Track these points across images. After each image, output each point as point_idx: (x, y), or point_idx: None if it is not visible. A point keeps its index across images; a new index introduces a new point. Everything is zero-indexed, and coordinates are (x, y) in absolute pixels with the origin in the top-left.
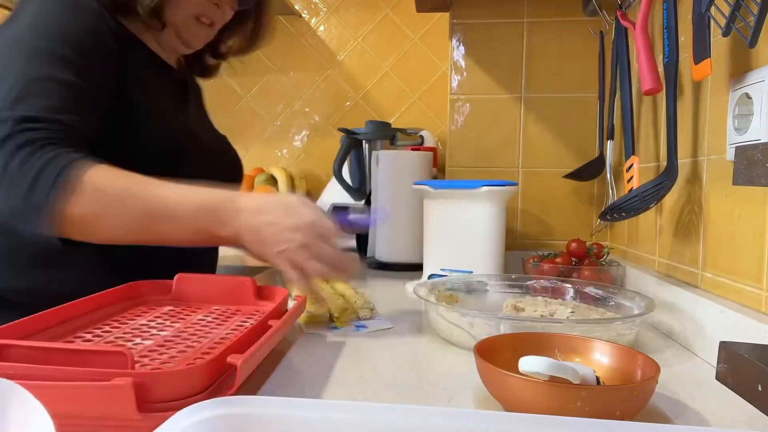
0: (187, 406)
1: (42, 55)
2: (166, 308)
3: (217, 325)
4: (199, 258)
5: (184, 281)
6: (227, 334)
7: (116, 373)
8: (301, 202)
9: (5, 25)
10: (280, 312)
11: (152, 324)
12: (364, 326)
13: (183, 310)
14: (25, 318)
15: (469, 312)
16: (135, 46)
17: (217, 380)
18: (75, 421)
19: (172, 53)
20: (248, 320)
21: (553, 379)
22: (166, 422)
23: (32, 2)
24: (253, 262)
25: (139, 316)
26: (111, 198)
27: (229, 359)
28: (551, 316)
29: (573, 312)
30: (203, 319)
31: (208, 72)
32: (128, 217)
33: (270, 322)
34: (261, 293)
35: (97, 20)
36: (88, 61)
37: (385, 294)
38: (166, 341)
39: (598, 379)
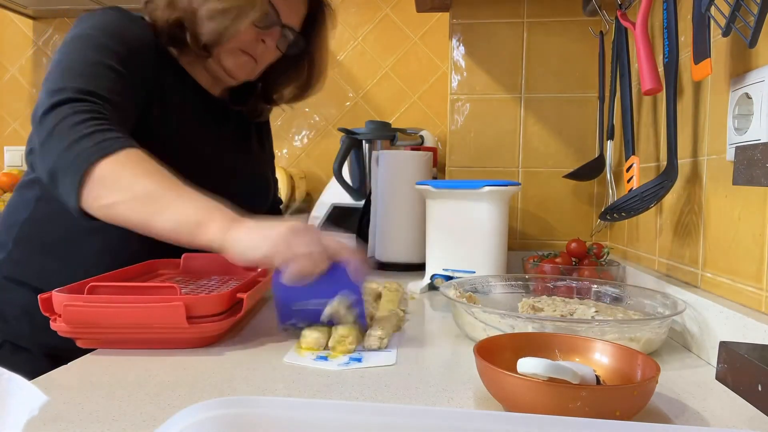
0: (213, 324)
1: (98, 47)
2: (177, 278)
3: (220, 285)
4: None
5: (189, 259)
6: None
7: (171, 298)
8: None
9: (74, 27)
10: (265, 275)
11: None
12: (358, 360)
13: (190, 278)
14: (88, 279)
15: (510, 314)
16: (176, 70)
17: (231, 307)
18: (145, 329)
19: (217, 86)
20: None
21: (552, 380)
22: (166, 422)
23: (96, 12)
24: None
25: (162, 281)
26: (133, 165)
27: (238, 295)
28: (571, 315)
29: (597, 311)
30: (208, 282)
31: (258, 114)
32: (138, 186)
33: (258, 279)
34: (248, 266)
35: (145, 32)
36: (131, 60)
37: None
38: (189, 292)
39: (598, 378)
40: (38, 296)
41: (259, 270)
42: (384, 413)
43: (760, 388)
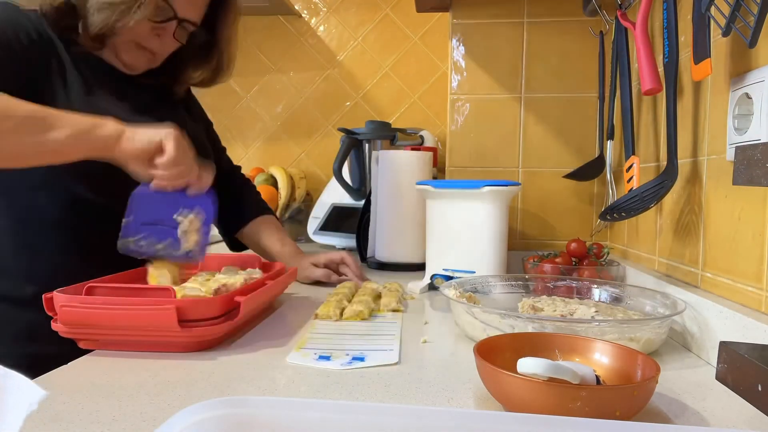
0: (208, 328)
1: None
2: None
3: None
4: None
5: (207, 259)
6: None
7: (164, 301)
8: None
9: None
10: (275, 276)
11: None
12: (361, 359)
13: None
14: (107, 276)
15: (510, 314)
16: (79, 53)
17: (229, 311)
18: (139, 331)
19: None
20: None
21: (552, 380)
22: (166, 422)
23: None
24: None
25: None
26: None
27: (236, 298)
28: (571, 315)
29: (597, 311)
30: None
31: (170, 92)
32: (15, 116)
33: (266, 282)
34: (264, 267)
35: (29, 20)
36: (7, 45)
37: None
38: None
39: (598, 378)
40: (42, 296)
41: (274, 270)
42: (384, 413)
43: (760, 388)
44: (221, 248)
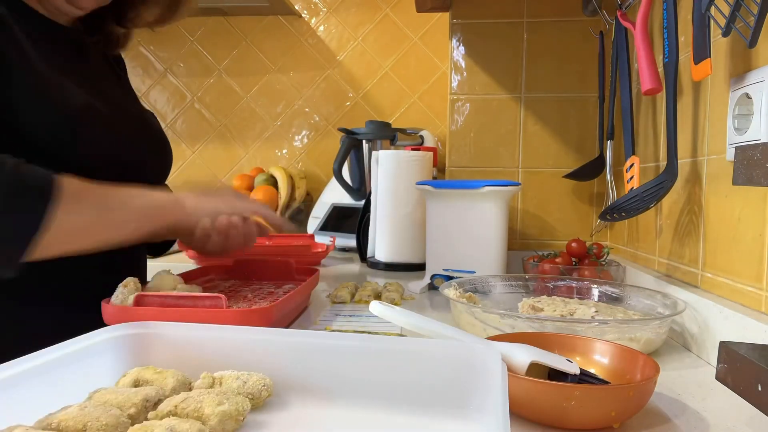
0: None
1: None
2: (230, 282)
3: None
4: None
5: (240, 263)
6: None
7: (216, 308)
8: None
9: None
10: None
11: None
12: None
13: (242, 284)
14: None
15: (510, 314)
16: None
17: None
18: None
19: (61, 16)
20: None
21: (551, 377)
22: (86, 334)
23: None
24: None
25: (215, 287)
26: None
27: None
28: (571, 315)
29: (597, 311)
30: (260, 288)
31: (115, 43)
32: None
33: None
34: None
35: None
36: None
37: None
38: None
39: (588, 373)
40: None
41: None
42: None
43: (760, 388)
44: None
